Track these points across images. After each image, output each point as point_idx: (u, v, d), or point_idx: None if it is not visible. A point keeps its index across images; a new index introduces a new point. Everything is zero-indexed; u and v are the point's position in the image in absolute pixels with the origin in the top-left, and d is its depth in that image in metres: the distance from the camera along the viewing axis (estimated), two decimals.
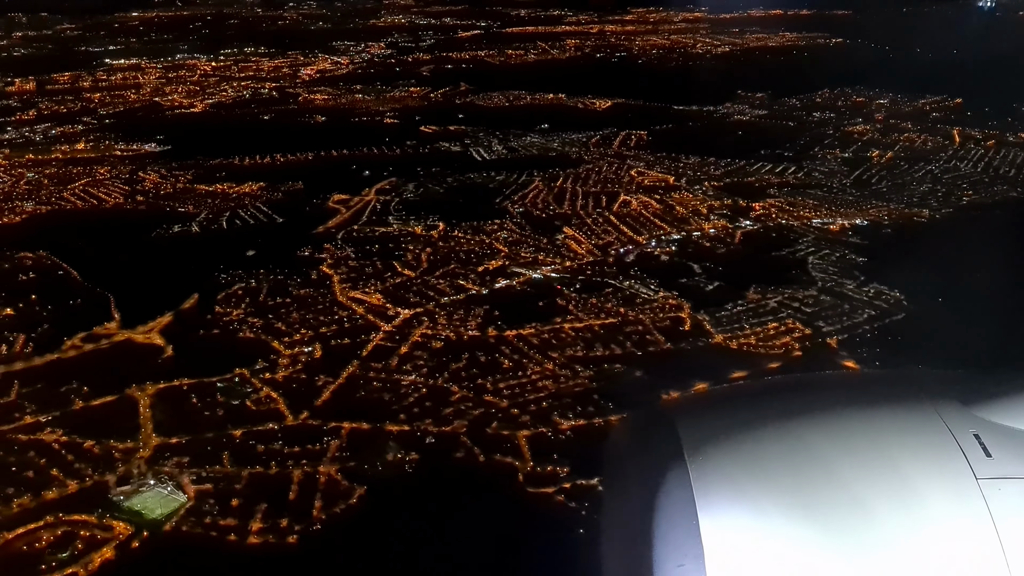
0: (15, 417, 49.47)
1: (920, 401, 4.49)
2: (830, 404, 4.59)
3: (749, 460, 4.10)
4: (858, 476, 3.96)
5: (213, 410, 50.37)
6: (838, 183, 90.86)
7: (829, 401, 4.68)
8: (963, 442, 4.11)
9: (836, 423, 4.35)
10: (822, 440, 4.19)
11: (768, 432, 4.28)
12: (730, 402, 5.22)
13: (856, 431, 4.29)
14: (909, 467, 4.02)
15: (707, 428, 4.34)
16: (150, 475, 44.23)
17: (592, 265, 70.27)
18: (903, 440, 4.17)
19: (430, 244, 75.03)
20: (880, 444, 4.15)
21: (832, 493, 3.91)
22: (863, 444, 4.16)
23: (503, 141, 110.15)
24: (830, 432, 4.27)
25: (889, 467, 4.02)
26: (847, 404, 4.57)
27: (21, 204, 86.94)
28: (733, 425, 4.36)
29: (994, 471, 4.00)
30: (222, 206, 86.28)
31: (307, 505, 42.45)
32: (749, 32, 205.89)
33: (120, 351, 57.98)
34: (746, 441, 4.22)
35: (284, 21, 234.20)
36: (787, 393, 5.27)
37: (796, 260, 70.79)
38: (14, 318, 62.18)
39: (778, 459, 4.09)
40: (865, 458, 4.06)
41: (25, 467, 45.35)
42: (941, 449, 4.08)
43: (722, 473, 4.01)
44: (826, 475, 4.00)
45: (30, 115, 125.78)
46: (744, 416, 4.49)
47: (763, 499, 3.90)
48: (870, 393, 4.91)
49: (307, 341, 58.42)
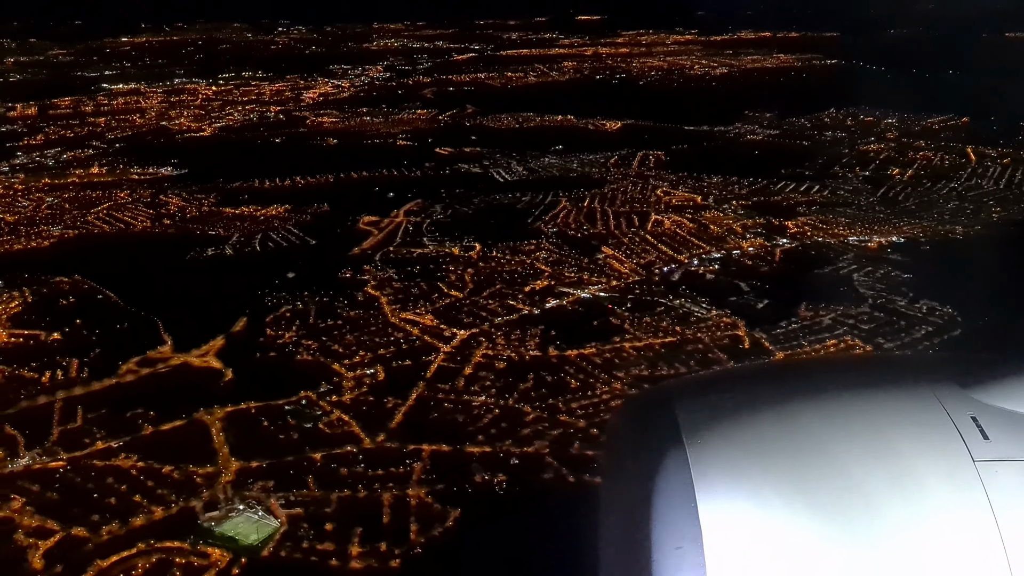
0: (85, 443, 48.49)
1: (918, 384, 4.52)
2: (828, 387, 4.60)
3: (747, 443, 4.10)
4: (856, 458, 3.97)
5: (287, 433, 49.57)
6: (865, 201, 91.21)
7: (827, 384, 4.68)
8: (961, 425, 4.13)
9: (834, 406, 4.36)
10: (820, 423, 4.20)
11: (766, 415, 4.27)
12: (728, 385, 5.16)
13: (854, 414, 4.28)
14: (907, 449, 4.03)
15: (705, 411, 4.32)
16: (237, 500, 43.26)
17: (638, 284, 70.03)
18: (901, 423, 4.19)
19: (470, 265, 74.50)
20: (878, 427, 4.16)
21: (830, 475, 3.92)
22: (861, 427, 4.16)
23: (521, 162, 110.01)
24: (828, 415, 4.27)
25: (887, 450, 4.03)
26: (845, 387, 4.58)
27: (47, 228, 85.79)
28: (731, 408, 4.35)
29: (992, 454, 4.00)
30: (252, 229, 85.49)
31: (403, 528, 41.72)
32: (743, 54, 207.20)
33: (179, 375, 57.08)
34: (744, 424, 4.21)
35: (277, 46, 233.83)
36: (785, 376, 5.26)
37: (841, 277, 70.78)
38: (63, 343, 61.13)
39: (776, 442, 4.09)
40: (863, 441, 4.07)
41: (106, 493, 44.40)
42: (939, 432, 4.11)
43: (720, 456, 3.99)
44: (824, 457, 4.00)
45: (38, 140, 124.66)
46: (742, 399, 4.49)
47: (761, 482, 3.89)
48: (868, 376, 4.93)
49: (368, 363, 57.77)
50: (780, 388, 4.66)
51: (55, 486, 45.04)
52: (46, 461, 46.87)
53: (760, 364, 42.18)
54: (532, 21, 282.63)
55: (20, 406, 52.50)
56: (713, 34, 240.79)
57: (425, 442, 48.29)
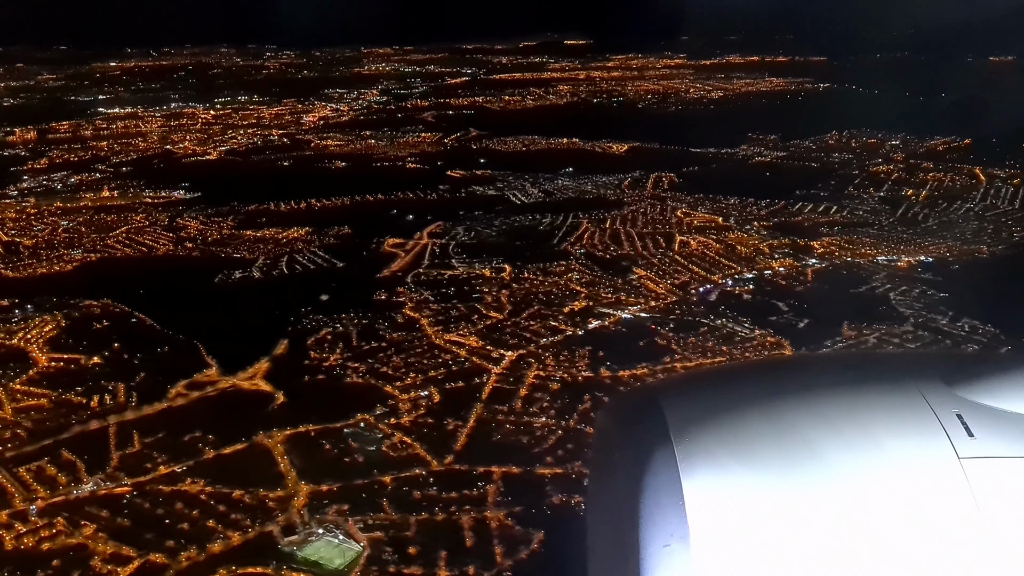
0: (147, 468, 47.55)
1: (904, 382, 4.58)
2: (815, 385, 4.68)
3: (735, 441, 4.14)
4: (842, 456, 4.02)
5: (351, 456, 48.89)
6: (886, 221, 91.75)
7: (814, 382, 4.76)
8: (946, 422, 4.19)
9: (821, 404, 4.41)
10: (807, 420, 4.24)
11: (754, 413, 4.32)
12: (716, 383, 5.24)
13: (841, 412, 4.33)
14: (893, 447, 4.08)
15: (693, 409, 4.39)
16: (314, 524, 42.50)
17: (677, 304, 69.82)
18: (887, 420, 4.24)
19: (503, 286, 74.09)
20: (865, 424, 4.21)
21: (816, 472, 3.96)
22: (848, 424, 4.21)
23: (535, 184, 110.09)
24: (815, 412, 4.32)
25: (874, 447, 4.08)
26: (832, 385, 4.67)
27: (67, 252, 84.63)
28: (719, 406, 4.41)
29: (976, 450, 4.06)
30: (276, 251, 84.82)
31: (487, 551, 41.07)
32: (736, 78, 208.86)
33: (230, 398, 56.29)
34: (732, 422, 4.26)
35: (268, 70, 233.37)
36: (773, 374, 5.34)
37: (878, 296, 70.93)
38: (105, 367, 60.17)
39: (764, 440, 4.13)
40: (850, 438, 4.12)
41: (177, 519, 43.48)
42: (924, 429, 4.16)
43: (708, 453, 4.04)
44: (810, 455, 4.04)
45: (42, 164, 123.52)
46: (730, 397, 4.56)
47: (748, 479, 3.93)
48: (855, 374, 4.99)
49: (420, 385, 57.16)
50: (767, 386, 4.71)
51: (124, 512, 44.04)
52: (111, 486, 45.89)
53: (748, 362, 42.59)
54: (519, 45, 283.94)
55: (73, 431, 51.49)
56: (702, 58, 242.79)
57: (494, 464, 47.68)
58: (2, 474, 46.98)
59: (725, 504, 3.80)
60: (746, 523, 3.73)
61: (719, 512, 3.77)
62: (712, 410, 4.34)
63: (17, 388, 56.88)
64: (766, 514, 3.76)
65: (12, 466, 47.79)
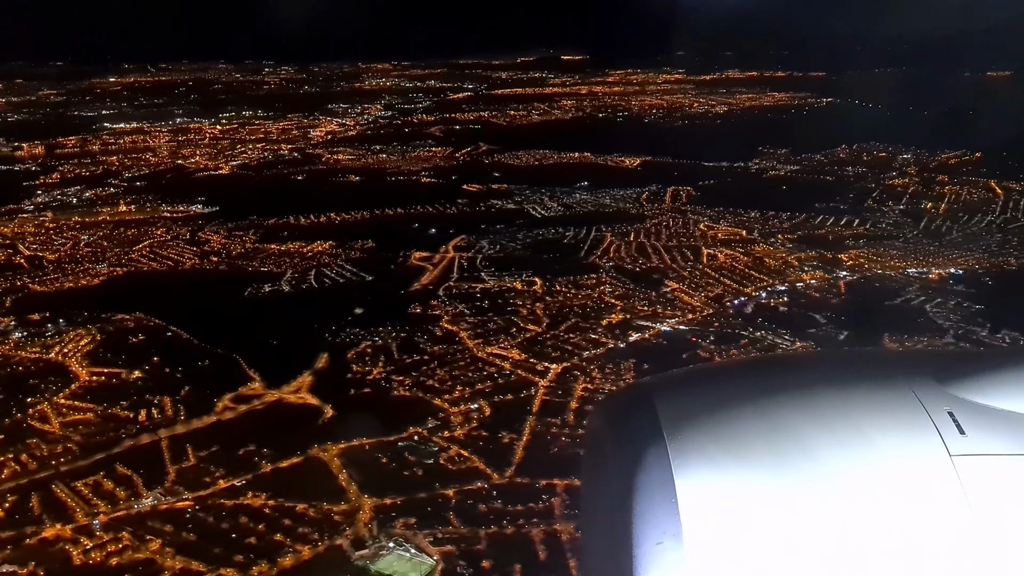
0: (206, 482, 47.06)
1: (895, 379, 4.57)
2: (807, 382, 4.68)
3: (728, 438, 4.14)
4: (834, 454, 4.03)
5: (410, 470, 48.45)
6: (910, 234, 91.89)
7: (807, 379, 4.77)
8: (937, 420, 4.20)
9: (813, 401, 4.42)
10: (799, 418, 4.26)
11: (747, 411, 4.32)
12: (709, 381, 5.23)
13: (833, 409, 4.35)
14: (885, 445, 4.09)
15: (686, 406, 4.39)
16: (383, 537, 42.04)
17: (714, 317, 69.69)
18: (879, 418, 4.26)
19: (536, 299, 73.83)
20: (856, 422, 4.22)
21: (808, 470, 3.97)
22: (840, 422, 4.23)
23: (553, 198, 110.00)
24: (807, 410, 4.33)
25: (865, 444, 4.09)
26: (824, 382, 4.66)
27: (92, 266, 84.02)
28: (712, 404, 4.41)
29: (967, 448, 4.07)
30: (302, 265, 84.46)
31: (562, 565, 40.63)
32: (737, 92, 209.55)
33: (278, 412, 55.85)
34: (725, 419, 4.27)
35: (269, 85, 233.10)
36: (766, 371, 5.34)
37: (915, 308, 70.94)
38: (147, 381, 59.60)
39: (756, 437, 4.13)
40: (842, 436, 4.14)
41: (244, 533, 42.93)
42: (916, 427, 4.17)
43: (701, 451, 4.04)
44: (802, 453, 4.05)
45: (54, 178, 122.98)
46: (723, 394, 4.55)
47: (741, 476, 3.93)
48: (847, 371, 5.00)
49: (468, 398, 56.78)
50: (760, 383, 4.70)
51: (188, 526, 43.49)
52: (171, 501, 45.35)
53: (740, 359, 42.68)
54: (516, 61, 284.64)
55: (125, 445, 50.93)
56: (701, 73, 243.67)
57: (555, 477, 47.30)
58: (61, 488, 46.40)
59: (718, 501, 3.81)
60: (739, 520, 3.74)
61: (712, 509, 3.78)
62: (705, 407, 4.35)
63: (62, 402, 56.31)
64: (759, 511, 3.77)
65: (69, 480, 47.21)
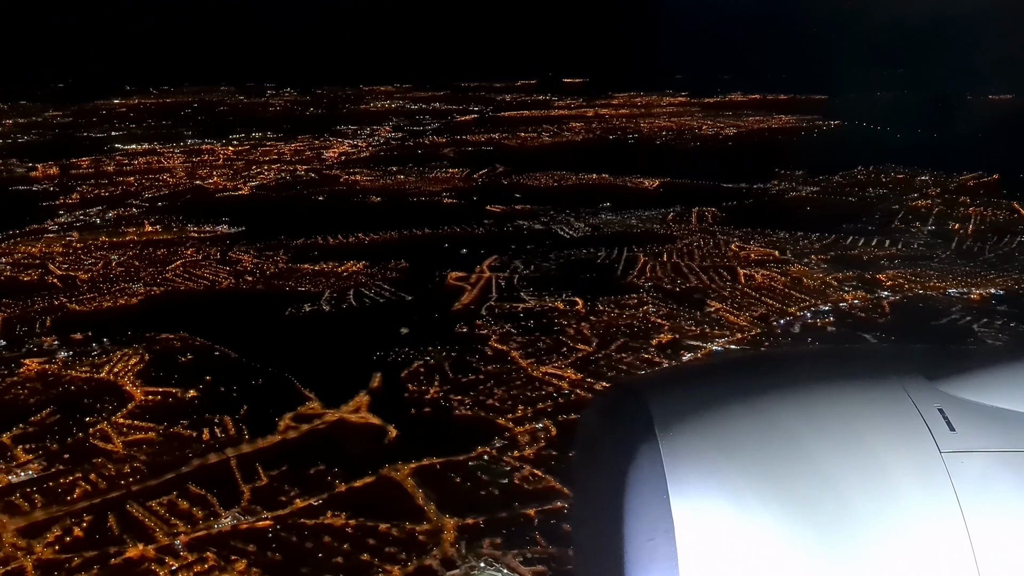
0: (282, 501, 46.59)
1: (886, 376, 4.60)
2: (799, 380, 4.68)
3: (720, 435, 4.15)
4: (825, 450, 4.07)
5: (486, 489, 48.21)
6: (944, 255, 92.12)
7: (798, 377, 4.77)
8: (928, 417, 4.23)
9: (804, 398, 4.44)
10: (790, 415, 4.27)
11: (739, 408, 4.32)
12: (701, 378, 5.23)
13: (824, 406, 4.37)
14: (875, 441, 4.12)
15: (678, 404, 4.37)
16: (472, 557, 41.59)
17: (763, 336, 69.61)
18: (869, 415, 4.29)
19: (581, 319, 73.61)
20: (847, 419, 4.27)
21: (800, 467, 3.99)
22: (831, 419, 4.27)
23: (579, 219, 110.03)
24: (798, 407, 4.35)
25: (856, 441, 4.12)
26: (816, 380, 4.67)
27: (127, 285, 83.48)
28: (704, 401, 4.39)
29: (958, 445, 4.11)
30: (339, 285, 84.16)
31: None
32: (744, 115, 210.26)
33: (341, 431, 55.51)
34: (717, 417, 4.27)
35: (275, 107, 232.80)
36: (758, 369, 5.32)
37: (962, 328, 71.11)
38: (203, 400, 59.09)
39: (748, 435, 4.15)
40: (833, 433, 4.18)
41: (330, 553, 42.45)
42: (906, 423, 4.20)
43: (693, 448, 4.04)
44: (794, 450, 4.07)
45: (74, 198, 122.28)
46: (715, 392, 4.54)
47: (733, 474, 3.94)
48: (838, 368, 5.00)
49: (532, 417, 56.50)
50: (752, 381, 4.71)
51: (272, 546, 43.03)
52: (251, 520, 44.87)
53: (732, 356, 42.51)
54: (517, 83, 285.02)
55: (193, 464, 50.41)
56: (705, 96, 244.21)
57: None
58: (136, 509, 45.85)
59: (709, 500, 3.79)
60: (731, 517, 3.73)
61: (703, 508, 3.75)
62: (697, 404, 4.32)
63: (121, 422, 55.74)
64: (750, 508, 3.75)
65: (143, 500, 46.64)
